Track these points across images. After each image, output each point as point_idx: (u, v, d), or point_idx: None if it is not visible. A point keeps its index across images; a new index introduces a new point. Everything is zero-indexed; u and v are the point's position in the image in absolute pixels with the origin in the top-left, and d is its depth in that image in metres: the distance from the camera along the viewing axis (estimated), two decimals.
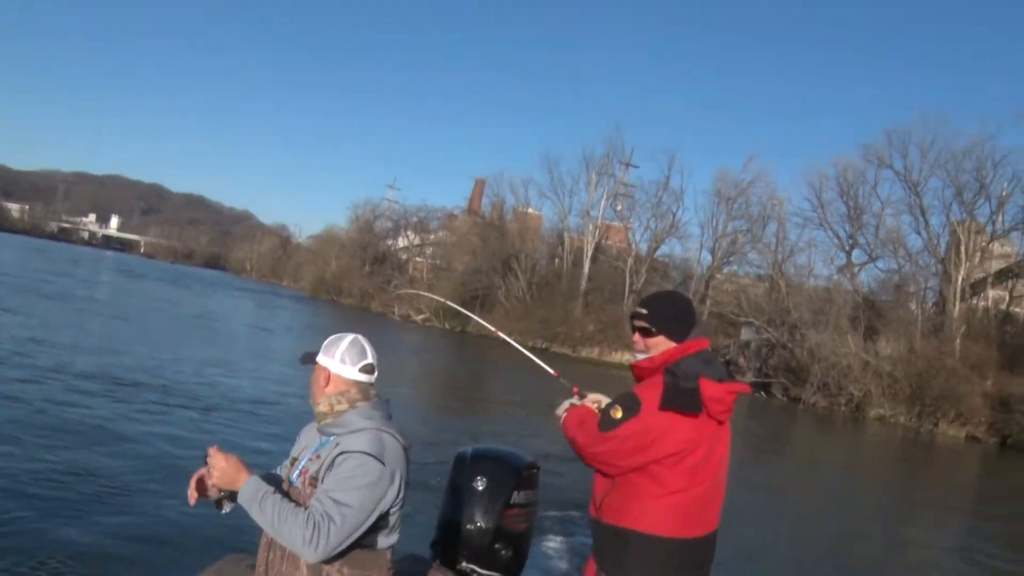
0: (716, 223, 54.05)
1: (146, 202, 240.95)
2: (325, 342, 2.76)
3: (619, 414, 2.88)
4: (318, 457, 2.60)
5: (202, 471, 2.64)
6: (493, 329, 4.50)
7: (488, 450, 4.54)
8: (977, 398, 35.63)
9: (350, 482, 2.46)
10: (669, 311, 3.05)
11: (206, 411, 12.15)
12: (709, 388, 2.85)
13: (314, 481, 2.55)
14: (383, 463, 2.52)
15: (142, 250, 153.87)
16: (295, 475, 2.67)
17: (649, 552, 2.92)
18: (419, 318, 57.78)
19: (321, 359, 2.73)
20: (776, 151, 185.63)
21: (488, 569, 4.11)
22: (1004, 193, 42.48)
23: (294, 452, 2.79)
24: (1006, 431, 34.25)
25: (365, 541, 2.55)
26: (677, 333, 3.00)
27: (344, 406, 2.64)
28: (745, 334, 47.71)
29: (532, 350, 4.05)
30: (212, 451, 2.58)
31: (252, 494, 2.51)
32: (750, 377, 45.12)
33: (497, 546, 4.16)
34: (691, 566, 3.01)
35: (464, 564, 4.09)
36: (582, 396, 3.25)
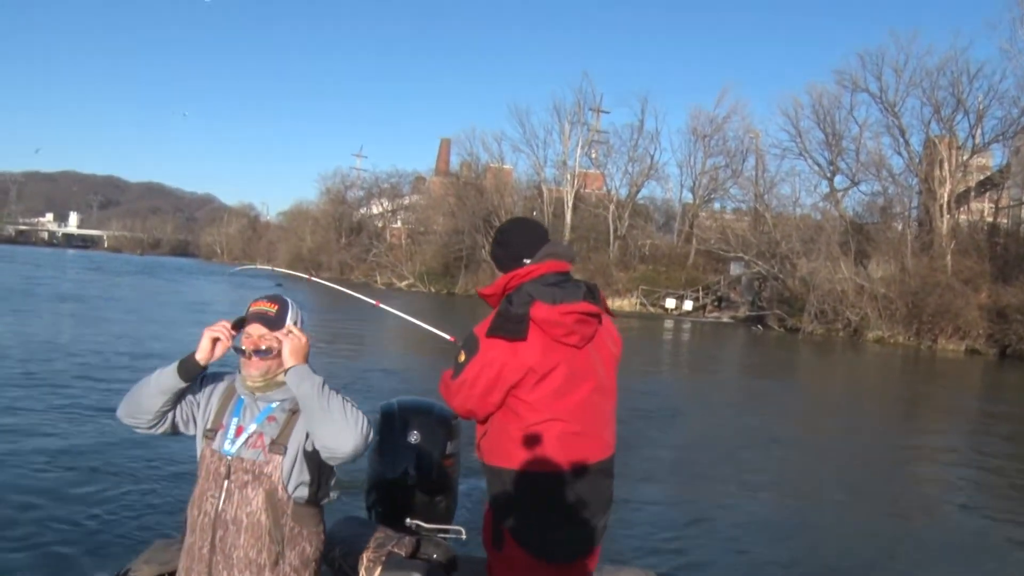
0: (694, 161, 53.95)
1: (103, 195, 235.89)
2: (290, 304, 2.53)
3: (462, 357, 2.83)
4: (271, 420, 2.45)
5: (221, 329, 2.42)
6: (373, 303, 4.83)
7: (414, 402, 4.39)
8: (973, 311, 35.82)
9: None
10: (499, 239, 3.04)
11: None
12: (540, 311, 2.75)
13: (276, 445, 2.40)
14: None
15: (106, 245, 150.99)
16: (235, 446, 2.44)
17: (527, 488, 2.84)
18: (403, 284, 57.35)
19: (291, 321, 2.50)
20: (749, 84, 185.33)
21: (430, 522, 4.01)
22: (981, 107, 42.39)
23: (209, 424, 2.51)
24: (1005, 341, 34.40)
25: (319, 494, 2.49)
26: (510, 260, 2.95)
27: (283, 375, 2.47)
28: (734, 269, 47.65)
29: None
30: (292, 326, 2.44)
31: (310, 371, 2.37)
32: (744, 311, 45.13)
33: (437, 498, 4.12)
34: (575, 500, 2.87)
35: (408, 521, 3.98)
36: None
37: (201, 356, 2.39)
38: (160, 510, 6.85)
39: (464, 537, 3.95)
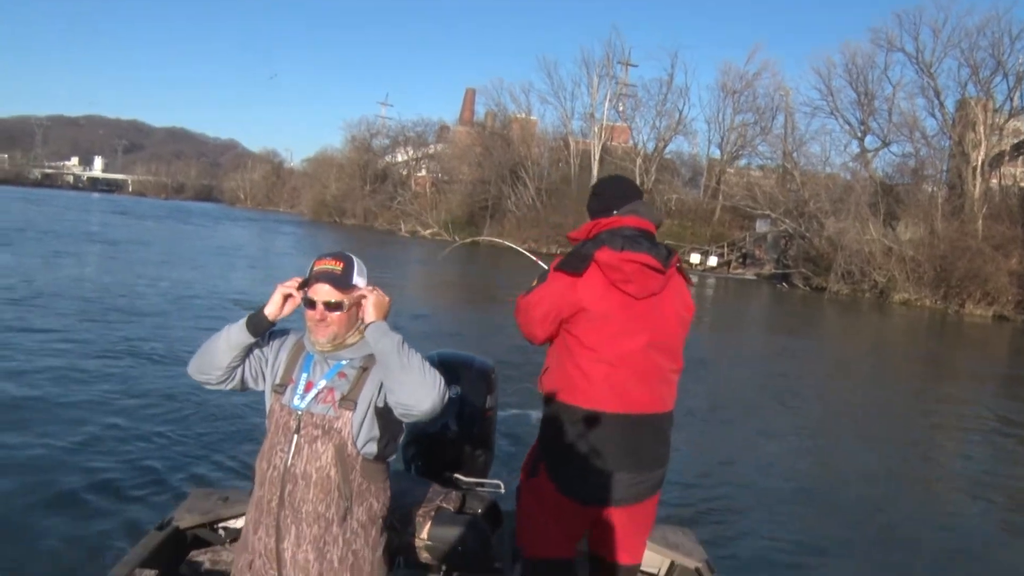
0: (722, 118, 53.27)
1: (127, 140, 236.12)
2: (355, 262, 2.48)
3: (534, 283, 3.07)
4: (341, 376, 2.45)
5: (292, 286, 2.43)
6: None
7: (456, 355, 4.40)
8: (1003, 277, 35.38)
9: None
10: (595, 190, 3.20)
11: None
12: (604, 254, 2.92)
13: (346, 401, 2.40)
14: None
15: (130, 189, 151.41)
16: (305, 401, 2.43)
17: (567, 423, 2.99)
18: (427, 232, 57.25)
19: (361, 282, 2.48)
20: (780, 42, 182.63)
21: (470, 476, 4.05)
22: (1022, 69, 41.47)
23: (279, 379, 2.50)
24: None
25: (387, 450, 2.50)
26: (600, 210, 3.11)
27: (357, 336, 2.48)
28: (760, 227, 47.28)
29: (547, 256, 4.01)
30: (374, 287, 2.45)
31: (389, 329, 2.36)
32: (769, 269, 44.90)
33: (477, 452, 4.15)
34: (610, 446, 2.99)
35: (447, 473, 3.99)
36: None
37: (271, 311, 2.40)
38: (199, 460, 6.94)
39: (503, 491, 3.97)
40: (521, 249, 4.75)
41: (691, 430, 9.52)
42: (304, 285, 2.40)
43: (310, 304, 2.39)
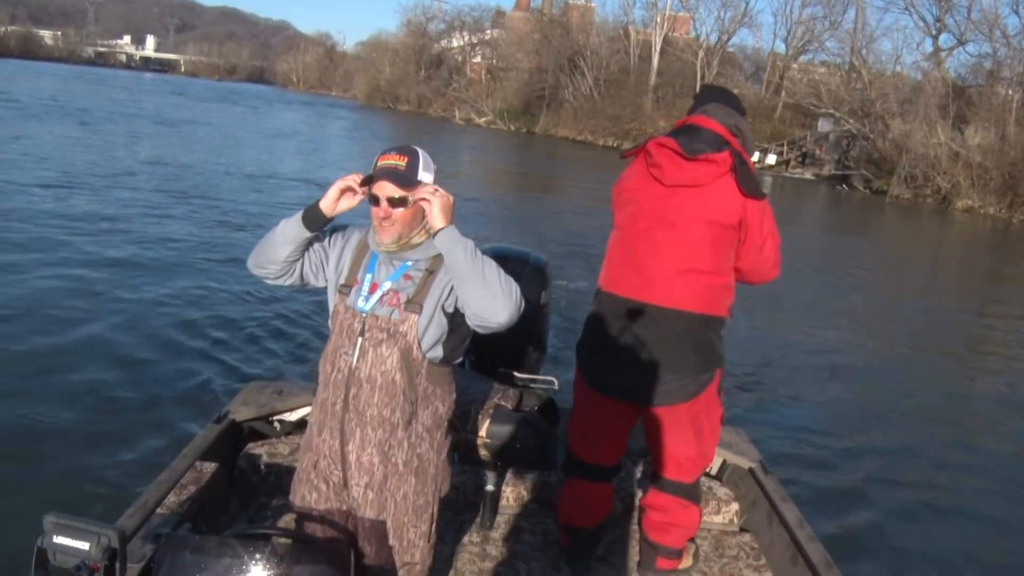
0: (790, 10, 51.33)
1: (179, 19, 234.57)
2: (420, 156, 2.30)
3: None
4: (407, 278, 2.32)
5: (352, 181, 2.28)
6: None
7: (510, 250, 4.37)
8: None
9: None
10: (692, 96, 3.33)
11: None
12: (650, 143, 3.03)
13: (412, 304, 2.29)
14: None
15: (182, 69, 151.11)
16: (369, 303, 2.32)
17: (593, 302, 3.19)
18: (482, 120, 56.75)
19: (427, 178, 2.30)
20: None
21: (523, 372, 4.02)
22: None
23: (343, 280, 2.39)
24: None
25: (453, 354, 2.41)
26: (687, 112, 3.19)
27: (423, 235, 2.32)
28: (822, 126, 46.11)
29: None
30: (436, 188, 2.25)
31: (459, 235, 2.21)
32: (829, 170, 44.02)
33: (530, 348, 4.15)
34: (616, 334, 3.00)
35: (501, 369, 3.93)
36: None
37: (326, 206, 2.28)
38: (255, 354, 7.10)
39: (557, 387, 3.94)
40: None
41: (736, 328, 9.69)
42: (367, 182, 2.26)
43: (374, 201, 2.27)
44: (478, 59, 67.29)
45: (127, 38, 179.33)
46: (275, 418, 3.88)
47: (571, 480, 3.30)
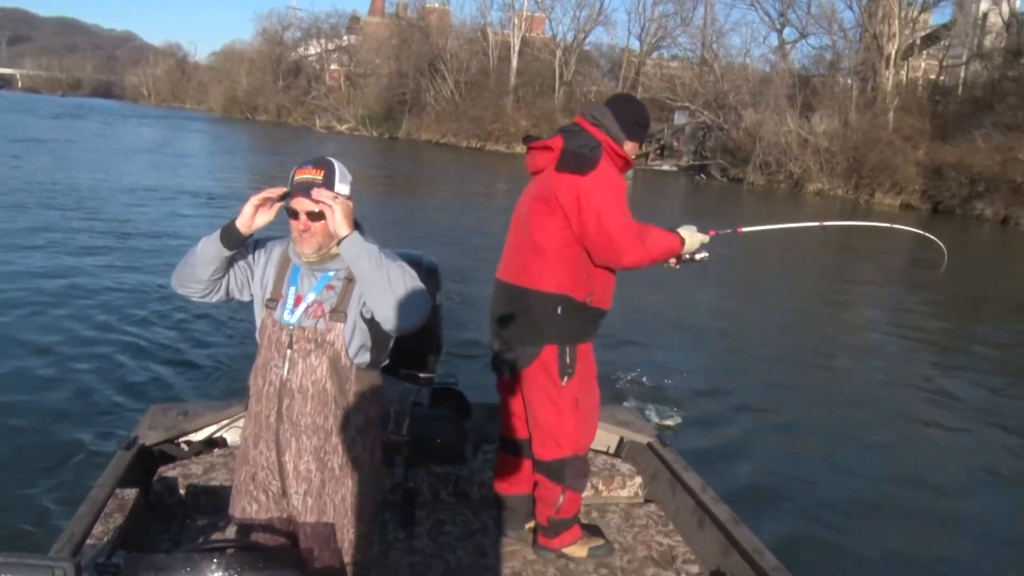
0: (643, 8, 52.73)
1: (11, 31, 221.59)
2: (336, 168, 2.33)
3: None
4: (329, 288, 2.38)
5: (266, 197, 2.26)
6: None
7: (403, 254, 4.39)
8: (911, 167, 36.51)
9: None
10: None
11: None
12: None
13: (336, 313, 2.36)
14: None
15: (19, 85, 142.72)
16: (295, 315, 2.38)
17: None
18: (343, 127, 55.92)
19: (343, 189, 2.33)
20: None
21: (424, 372, 4.15)
22: None
23: (269, 294, 2.43)
24: (937, 197, 35.30)
25: (380, 358, 2.49)
26: None
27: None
28: (678, 118, 47.54)
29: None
30: (336, 195, 2.26)
31: (363, 240, 2.26)
32: (687, 161, 45.46)
33: (428, 349, 4.24)
34: (492, 307, 3.30)
35: (404, 371, 4.02)
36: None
37: (241, 223, 2.27)
38: (151, 377, 6.77)
39: (457, 385, 4.09)
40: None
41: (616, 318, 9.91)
42: (286, 196, 2.27)
43: (293, 214, 2.30)
44: (336, 66, 66.38)
45: None
46: (182, 439, 3.90)
47: (499, 454, 3.48)
